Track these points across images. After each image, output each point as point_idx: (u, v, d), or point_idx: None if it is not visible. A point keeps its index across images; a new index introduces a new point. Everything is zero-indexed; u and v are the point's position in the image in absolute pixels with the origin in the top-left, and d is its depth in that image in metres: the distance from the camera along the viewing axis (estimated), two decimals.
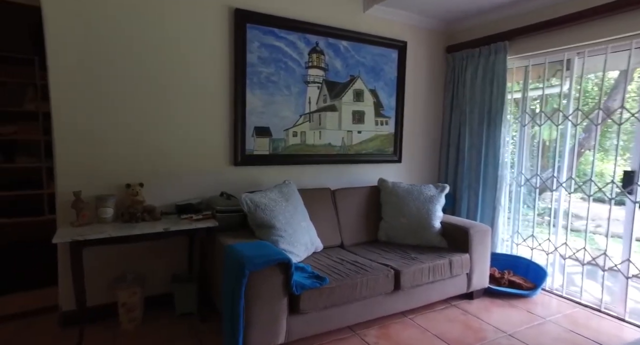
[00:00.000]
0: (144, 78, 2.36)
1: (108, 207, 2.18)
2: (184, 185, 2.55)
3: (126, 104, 2.33)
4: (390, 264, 2.37)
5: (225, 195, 2.53)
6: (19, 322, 2.35)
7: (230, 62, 2.63)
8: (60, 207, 2.20)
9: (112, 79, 2.27)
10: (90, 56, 2.21)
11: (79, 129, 2.21)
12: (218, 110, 2.62)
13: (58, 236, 1.91)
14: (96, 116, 2.25)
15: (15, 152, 3.94)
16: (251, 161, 2.77)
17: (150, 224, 2.17)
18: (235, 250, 1.94)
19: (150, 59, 2.37)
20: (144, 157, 2.41)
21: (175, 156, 2.50)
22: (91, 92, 2.23)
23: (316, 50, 2.95)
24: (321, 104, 3.04)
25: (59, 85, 2.15)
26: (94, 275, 2.32)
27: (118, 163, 2.33)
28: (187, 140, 2.53)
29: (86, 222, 2.12)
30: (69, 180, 2.21)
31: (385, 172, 3.42)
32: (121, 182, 2.34)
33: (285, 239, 2.29)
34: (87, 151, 2.24)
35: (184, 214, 2.36)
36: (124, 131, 2.34)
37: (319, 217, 2.71)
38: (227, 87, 2.63)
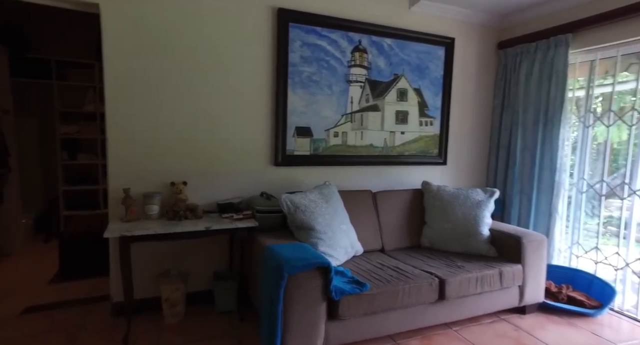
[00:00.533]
0: (190, 80, 2.42)
1: (154, 205, 2.25)
2: (226, 184, 2.58)
3: (173, 106, 2.40)
4: (434, 272, 2.24)
5: (265, 196, 2.52)
6: (78, 308, 2.50)
7: (273, 62, 2.62)
8: (112, 203, 2.30)
9: (160, 81, 2.35)
10: (140, 60, 2.29)
11: (129, 129, 2.30)
12: (260, 110, 2.62)
13: (109, 231, 1.99)
14: (145, 117, 2.33)
15: (77, 150, 4.24)
16: (292, 161, 2.75)
17: (192, 222, 2.21)
18: (275, 252, 1.91)
19: (195, 61, 2.42)
20: (188, 156, 2.46)
21: (218, 156, 2.54)
22: (141, 95, 2.31)
23: (359, 49, 2.88)
24: (363, 104, 2.96)
25: (112, 88, 2.25)
26: (141, 269, 2.40)
27: (164, 162, 2.40)
28: (229, 140, 2.56)
29: (134, 218, 2.19)
30: (120, 178, 2.30)
31: (429, 175, 3.27)
32: (167, 180, 2.41)
33: (324, 242, 2.24)
34: (136, 150, 2.33)
35: (225, 213, 2.39)
36: (170, 131, 2.40)
37: (360, 220, 2.64)
38: (268, 87, 2.63)
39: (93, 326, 2.28)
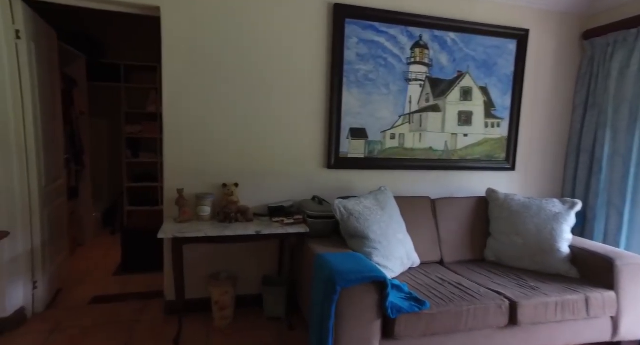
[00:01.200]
0: (243, 80, 2.38)
1: (206, 206, 2.24)
2: (277, 186, 2.52)
3: (227, 106, 2.38)
4: (503, 292, 1.98)
5: (317, 200, 2.42)
6: (136, 302, 2.59)
7: (327, 60, 2.51)
8: (167, 203, 2.33)
9: (214, 82, 2.34)
10: (196, 60, 2.29)
11: (184, 129, 2.32)
12: (313, 110, 2.53)
13: (162, 231, 2.01)
14: (199, 117, 2.34)
15: (140, 148, 4.48)
16: (345, 164, 2.62)
17: (243, 225, 2.17)
18: (327, 262, 1.80)
19: (249, 60, 2.38)
20: (240, 157, 2.43)
21: (270, 157, 2.49)
22: (196, 95, 2.32)
23: (419, 45, 2.67)
24: (423, 104, 2.75)
25: (169, 89, 2.28)
26: (192, 269, 2.42)
27: (216, 162, 2.40)
28: (281, 141, 2.49)
29: (186, 219, 2.20)
30: (174, 178, 2.33)
31: (495, 182, 2.97)
32: (219, 181, 2.40)
33: (379, 252, 2.08)
34: (190, 150, 2.34)
35: (275, 217, 2.32)
36: (223, 132, 2.39)
37: (417, 229, 2.44)
38: (323, 87, 2.53)
39: (148, 322, 2.33)
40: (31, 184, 2.25)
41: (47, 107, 2.50)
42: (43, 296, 2.39)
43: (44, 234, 2.38)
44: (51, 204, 2.52)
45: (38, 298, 2.35)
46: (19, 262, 2.21)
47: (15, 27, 2.15)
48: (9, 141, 2.11)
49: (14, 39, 2.15)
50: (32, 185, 2.26)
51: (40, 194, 2.33)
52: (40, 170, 2.33)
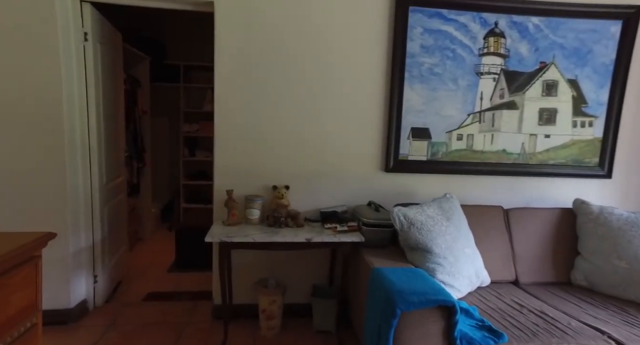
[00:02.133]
0: (297, 78, 2.24)
1: (255, 209, 2.14)
2: (330, 190, 2.35)
3: (278, 105, 2.25)
4: (606, 330, 1.62)
5: (373, 206, 2.21)
6: (186, 302, 2.58)
7: (388, 53, 2.29)
8: (216, 204, 2.27)
9: (267, 80, 2.23)
10: (249, 58, 2.20)
11: (235, 129, 2.24)
12: (371, 108, 2.32)
13: (210, 235, 1.93)
14: (250, 116, 2.24)
15: (196, 147, 4.59)
16: (405, 167, 2.38)
17: (292, 231, 2.03)
18: (384, 279, 1.59)
19: (303, 55, 2.23)
20: (292, 158, 2.30)
21: (323, 158, 2.32)
22: (247, 93, 2.22)
23: (494, 33, 2.34)
24: (497, 100, 2.41)
25: (221, 87, 2.21)
26: (240, 273, 2.34)
27: (267, 163, 2.28)
28: (335, 142, 2.32)
29: (235, 222, 2.11)
30: (224, 178, 2.26)
31: (584, 191, 2.53)
32: (269, 183, 2.28)
33: (444, 269, 1.82)
34: (241, 150, 2.26)
35: (327, 223, 2.15)
36: (275, 131, 2.27)
37: (487, 243, 2.13)
38: (381, 82, 2.31)
39: (195, 325, 2.29)
40: (93, 181, 2.31)
41: (110, 107, 2.58)
42: (103, 290, 2.45)
43: (104, 230, 2.45)
44: (111, 201, 2.59)
45: (98, 292, 2.42)
46: (82, 257, 2.28)
47: (84, 30, 2.21)
48: (74, 140, 2.18)
49: (82, 42, 2.21)
50: (94, 183, 2.32)
51: (101, 191, 2.39)
52: (101, 169, 2.39)
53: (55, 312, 2.19)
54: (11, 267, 1.00)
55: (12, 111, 2.03)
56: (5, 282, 0.98)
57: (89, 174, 2.30)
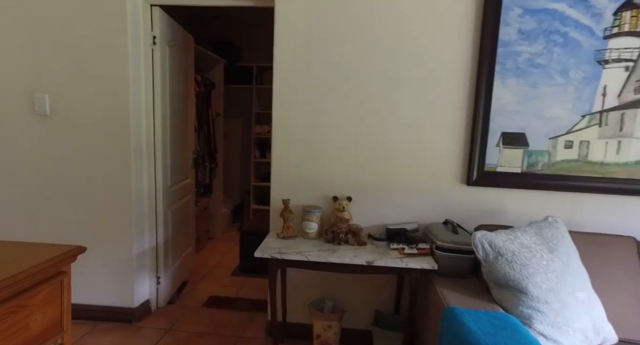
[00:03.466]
0: (360, 78, 1.97)
1: (312, 222, 1.93)
2: (398, 204, 2.03)
3: (340, 110, 2.01)
4: None
5: (450, 226, 1.85)
6: (244, 313, 2.48)
7: (473, 41, 1.90)
8: (273, 213, 2.11)
9: (327, 82, 2.00)
10: (310, 55, 1.99)
11: (294, 132, 2.05)
12: (450, 108, 1.95)
13: (261, 248, 1.78)
14: (310, 121, 2.04)
15: (266, 148, 4.58)
16: (492, 181, 1.95)
17: (352, 250, 1.78)
18: (463, 326, 1.25)
19: (371, 53, 1.95)
20: (354, 166, 2.04)
21: (390, 168, 2.02)
22: (308, 95, 2.02)
23: (633, 4, 1.79)
24: (628, 97, 1.85)
25: (280, 89, 2.04)
26: (295, 290, 2.15)
27: (328, 172, 2.05)
28: (406, 149, 2.00)
29: (290, 235, 1.93)
30: (281, 186, 2.09)
31: None
32: (329, 193, 2.05)
33: (546, 317, 1.40)
34: (300, 157, 2.06)
35: (394, 242, 1.85)
36: (336, 136, 2.03)
37: (611, 287, 1.62)
38: (464, 77, 1.93)
39: (248, 341, 2.16)
40: (157, 183, 2.34)
41: (178, 109, 2.60)
42: (165, 291, 2.48)
43: (167, 232, 2.47)
44: (176, 203, 2.62)
45: (161, 293, 2.45)
46: (145, 258, 2.32)
47: (153, 34, 2.23)
48: (140, 143, 2.21)
49: (151, 45, 2.23)
50: (158, 185, 2.34)
51: (165, 193, 2.40)
52: (166, 171, 2.40)
53: (121, 309, 2.25)
54: (32, 285, 0.93)
55: (81, 113, 2.12)
56: (24, 303, 0.91)
57: (154, 177, 2.32)
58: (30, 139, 2.14)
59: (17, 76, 2.10)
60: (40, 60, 2.08)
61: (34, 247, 1.05)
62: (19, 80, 2.10)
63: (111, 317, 2.25)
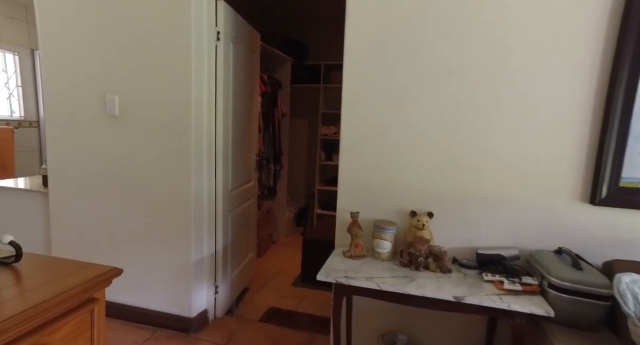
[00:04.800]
0: (451, 73, 1.62)
1: (385, 240, 1.62)
2: (492, 222, 1.64)
3: (419, 110, 1.67)
4: None
5: (567, 257, 1.41)
6: (303, 333, 2.26)
7: (608, 22, 1.43)
8: (339, 226, 1.85)
9: (407, 76, 1.67)
10: (384, 51, 1.68)
11: (366, 133, 1.76)
12: (567, 107, 1.51)
13: (325, 269, 1.52)
14: (384, 119, 1.73)
15: (333, 150, 4.36)
16: (631, 200, 1.46)
17: (434, 279, 1.44)
18: None
19: (462, 42, 1.59)
20: (437, 175, 1.68)
21: (482, 177, 1.63)
22: (382, 94, 1.72)
23: None
24: None
25: (350, 85, 1.77)
26: (362, 316, 1.86)
27: (404, 181, 1.73)
28: (507, 154, 1.59)
29: (358, 254, 1.64)
30: (350, 195, 1.81)
31: None
32: (405, 206, 1.73)
33: None
34: (372, 161, 1.77)
35: (488, 272, 1.47)
36: (415, 142, 1.70)
37: None
38: (592, 69, 1.47)
39: None
40: (218, 186, 2.21)
41: (242, 109, 2.47)
42: (223, 301, 2.36)
43: (227, 239, 2.34)
44: (237, 208, 2.49)
45: (219, 303, 2.33)
46: (204, 266, 2.21)
47: (217, 29, 2.11)
48: (200, 144, 2.10)
49: (214, 41, 2.11)
50: (219, 188, 2.21)
51: (226, 197, 2.28)
52: (227, 174, 2.28)
53: (178, 318, 2.17)
54: (54, 318, 0.78)
55: (144, 113, 2.05)
56: (44, 341, 0.75)
57: (214, 180, 2.20)
58: (102, 141, 2.15)
59: (91, 77, 2.12)
60: (108, 60, 2.07)
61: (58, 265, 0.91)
62: (93, 81, 2.11)
63: (169, 325, 2.18)
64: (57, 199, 2.28)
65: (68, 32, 2.11)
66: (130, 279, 2.20)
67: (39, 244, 2.44)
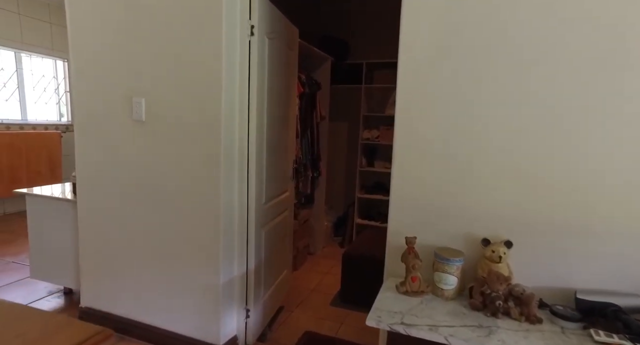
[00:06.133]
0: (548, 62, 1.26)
1: (450, 274, 1.29)
2: (595, 258, 1.26)
3: (498, 106, 1.33)
4: None
5: None
6: None
7: None
8: (389, 251, 1.53)
9: (478, 70, 1.34)
10: (447, 45, 1.36)
11: (425, 138, 1.44)
12: None
13: (376, 310, 1.22)
14: (450, 125, 1.40)
15: (375, 156, 4.05)
16: None
17: (520, 332, 1.09)
18: None
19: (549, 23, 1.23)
20: (514, 194, 1.33)
21: (575, 198, 1.26)
22: (443, 94, 1.39)
23: None
24: None
25: (405, 86, 1.45)
26: None
27: (474, 198, 1.39)
28: (617, 172, 1.21)
29: (416, 290, 1.33)
30: (404, 213, 1.49)
31: None
32: (475, 233, 1.39)
33: None
34: (433, 173, 1.44)
35: (597, 327, 1.10)
36: (489, 150, 1.35)
37: None
38: None
39: None
40: (250, 199, 1.98)
41: (278, 112, 2.23)
42: (255, 326, 2.12)
43: (260, 257, 2.10)
44: (272, 222, 2.25)
45: (250, 328, 2.09)
46: (234, 287, 1.98)
47: (251, 23, 1.89)
48: (232, 151, 1.87)
49: (248, 36, 1.89)
50: (251, 201, 1.98)
51: (258, 211, 2.04)
52: (260, 184, 2.04)
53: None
54: None
55: (171, 116, 1.86)
56: None
57: (246, 192, 1.97)
58: (128, 148, 1.99)
59: (118, 78, 1.96)
60: (135, 59, 1.90)
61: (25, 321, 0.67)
62: (119, 83, 1.96)
63: None
64: (84, 207, 2.16)
65: (96, 32, 1.97)
66: (153, 298, 2.02)
67: (69, 254, 2.35)
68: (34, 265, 2.55)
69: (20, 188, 3.56)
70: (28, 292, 2.64)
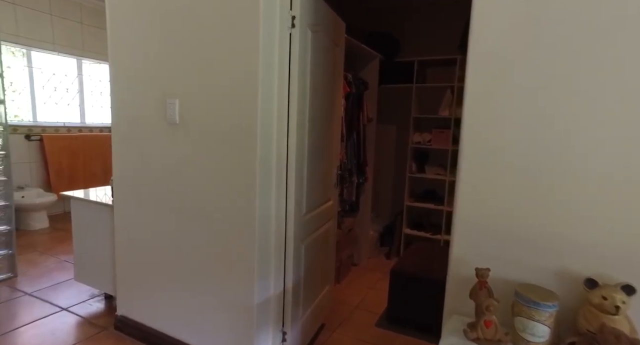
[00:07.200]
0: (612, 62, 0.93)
1: (541, 323, 0.99)
2: None
3: (597, 109, 1.00)
4: None
5: None
6: None
7: None
8: (451, 284, 1.25)
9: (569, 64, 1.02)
10: (525, 32, 1.05)
11: (502, 146, 1.14)
12: None
13: None
14: (532, 127, 1.09)
15: (426, 161, 3.72)
16: None
17: None
18: None
19: None
20: (629, 220, 0.99)
21: None
22: (517, 98, 1.09)
23: None
24: None
25: (474, 87, 1.16)
26: None
27: (569, 223, 1.06)
28: None
29: (490, 338, 1.04)
30: (471, 238, 1.20)
31: None
32: (571, 268, 1.06)
33: None
34: (511, 190, 1.14)
35: None
36: (588, 164, 1.03)
37: None
38: None
39: None
40: (289, 210, 1.78)
41: (321, 114, 2.02)
42: None
43: (298, 273, 1.90)
44: (312, 235, 2.03)
45: None
46: (269, 308, 1.79)
47: (292, 13, 1.69)
48: (269, 158, 1.68)
49: (289, 28, 1.70)
50: (289, 213, 1.78)
51: (298, 224, 1.83)
52: (300, 194, 1.83)
53: None
54: None
55: (204, 119, 1.71)
56: None
57: (284, 203, 1.77)
58: (161, 152, 1.87)
59: (152, 78, 1.86)
60: (168, 56, 1.78)
61: None
62: (153, 83, 1.85)
63: None
64: (120, 214, 2.09)
65: (130, 38, 1.88)
66: (185, 313, 1.89)
67: (109, 259, 2.31)
68: (77, 268, 2.55)
69: (78, 188, 3.67)
70: (72, 294, 2.65)
